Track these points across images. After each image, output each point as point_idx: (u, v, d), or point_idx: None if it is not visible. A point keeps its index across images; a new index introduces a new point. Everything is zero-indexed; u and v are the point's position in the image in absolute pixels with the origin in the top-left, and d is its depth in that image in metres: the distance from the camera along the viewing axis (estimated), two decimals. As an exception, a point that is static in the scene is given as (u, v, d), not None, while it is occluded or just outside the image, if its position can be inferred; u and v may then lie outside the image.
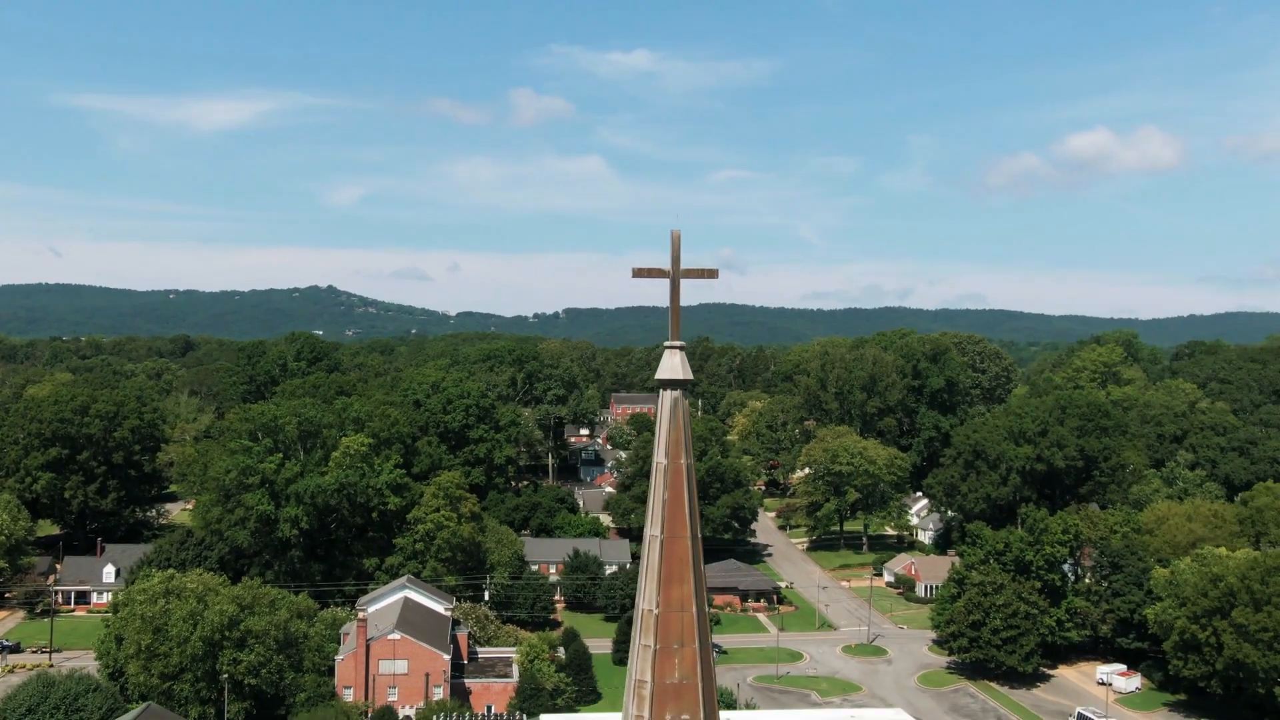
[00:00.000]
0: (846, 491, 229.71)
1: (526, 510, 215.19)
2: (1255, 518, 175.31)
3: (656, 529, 23.71)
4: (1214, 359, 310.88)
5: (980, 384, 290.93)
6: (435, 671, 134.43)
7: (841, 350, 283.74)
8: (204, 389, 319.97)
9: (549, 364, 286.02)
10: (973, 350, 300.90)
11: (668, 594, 23.57)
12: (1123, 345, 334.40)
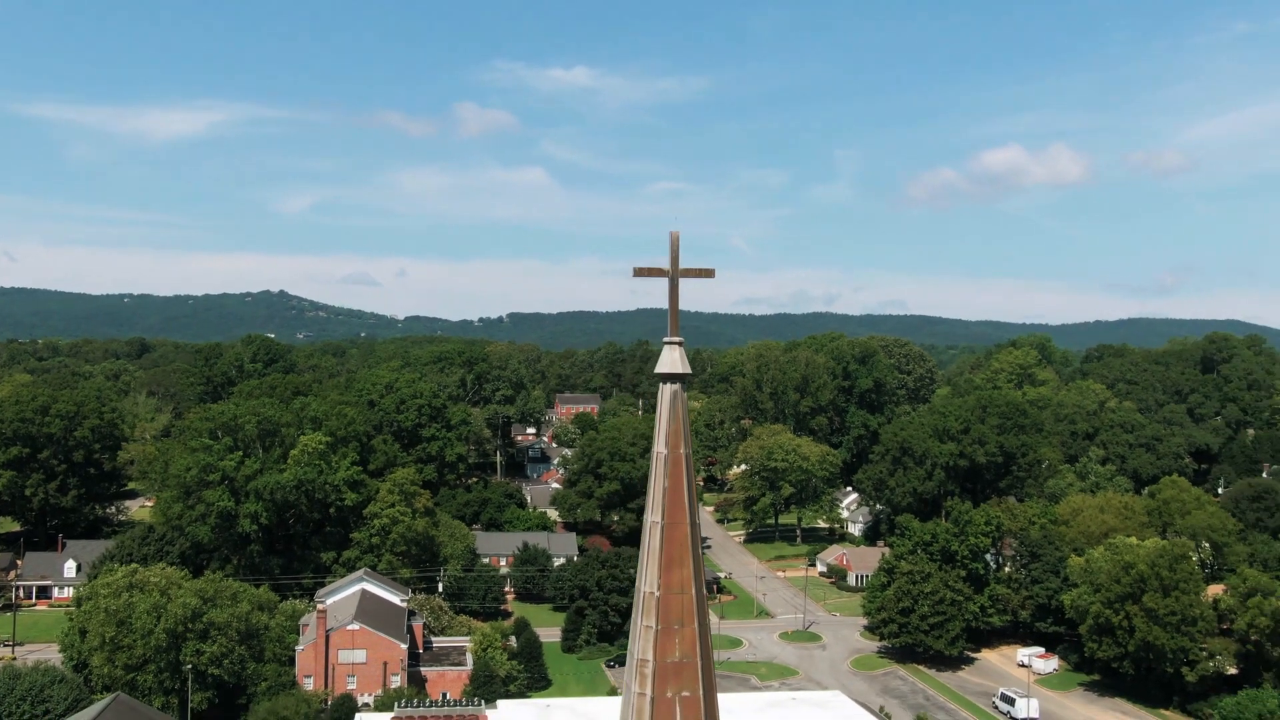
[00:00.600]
0: (781, 486, 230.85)
1: (477, 505, 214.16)
2: (1162, 509, 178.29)
3: (657, 515, 23.66)
4: (1121, 361, 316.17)
5: (906, 385, 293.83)
6: (393, 660, 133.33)
7: (775, 353, 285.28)
8: (161, 390, 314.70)
9: (497, 366, 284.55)
10: (898, 353, 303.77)
11: (668, 577, 23.51)
12: (1037, 349, 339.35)
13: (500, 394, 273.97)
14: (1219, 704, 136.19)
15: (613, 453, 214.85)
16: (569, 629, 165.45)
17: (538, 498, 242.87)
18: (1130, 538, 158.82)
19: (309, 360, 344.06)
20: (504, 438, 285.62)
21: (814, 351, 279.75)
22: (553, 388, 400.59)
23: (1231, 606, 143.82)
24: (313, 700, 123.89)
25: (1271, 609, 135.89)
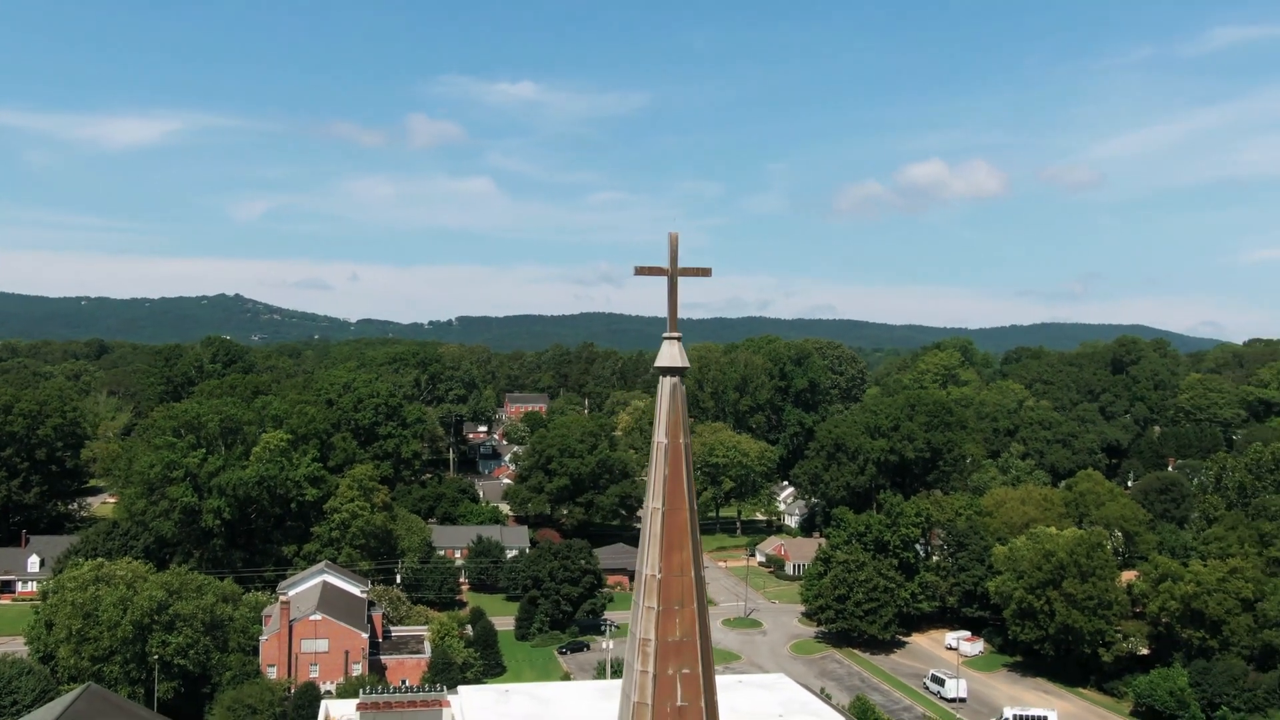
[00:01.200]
0: (722, 481, 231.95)
1: (432, 500, 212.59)
2: (1078, 501, 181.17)
3: (658, 502, 23.74)
4: (1038, 363, 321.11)
5: (838, 385, 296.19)
6: (354, 649, 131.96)
7: (716, 355, 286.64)
8: (122, 390, 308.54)
9: (450, 366, 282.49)
10: (831, 355, 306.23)
11: (669, 560, 23.62)
12: (959, 351, 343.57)
13: (453, 393, 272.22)
14: (1133, 682, 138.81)
15: (562, 449, 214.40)
16: (522, 618, 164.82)
17: (490, 493, 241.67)
18: (1050, 528, 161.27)
19: (267, 361, 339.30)
20: (457, 435, 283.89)
21: (752, 353, 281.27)
22: (502, 388, 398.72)
23: (1144, 591, 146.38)
24: (277, 688, 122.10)
25: (1180, 593, 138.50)
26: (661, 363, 23.80)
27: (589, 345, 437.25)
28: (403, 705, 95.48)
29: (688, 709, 23.53)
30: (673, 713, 23.44)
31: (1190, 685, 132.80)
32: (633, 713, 23.41)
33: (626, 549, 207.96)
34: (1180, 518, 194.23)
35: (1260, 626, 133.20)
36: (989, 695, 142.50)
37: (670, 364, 23.73)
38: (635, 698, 23.52)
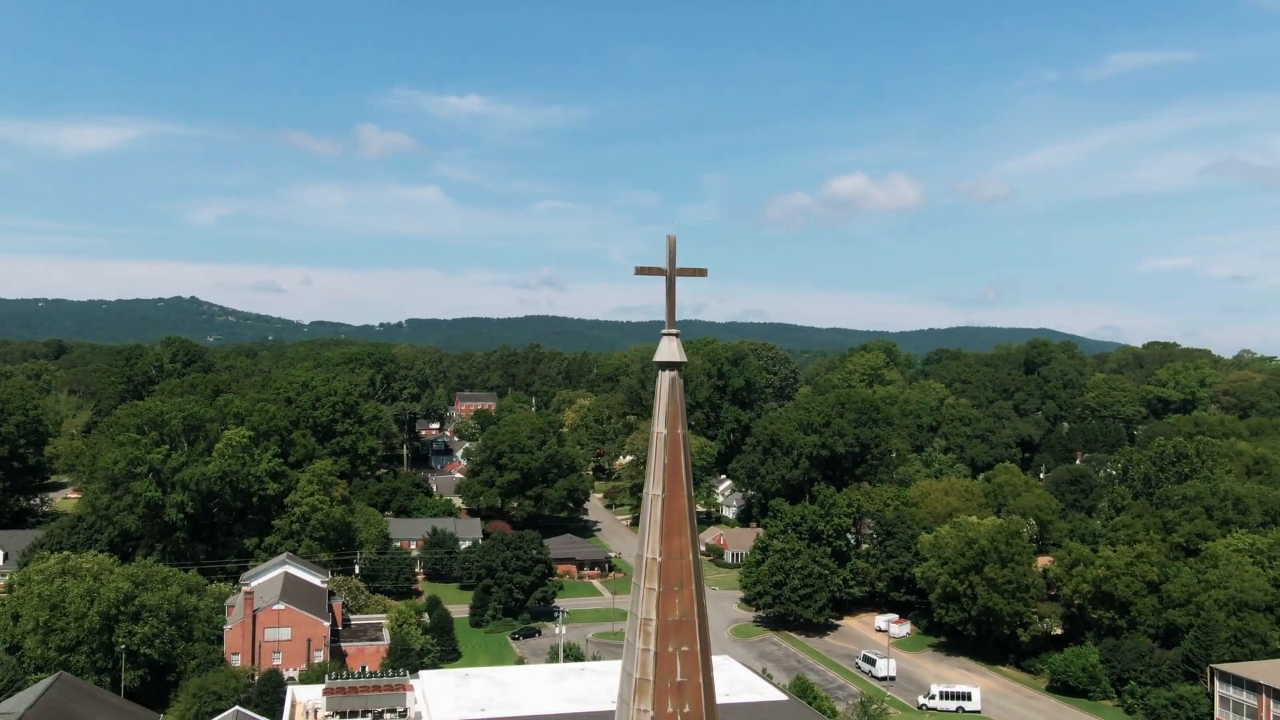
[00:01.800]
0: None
1: (388, 494, 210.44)
2: (997, 492, 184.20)
3: (658, 489, 23.72)
4: (956, 364, 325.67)
5: (772, 384, 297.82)
6: (316, 637, 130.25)
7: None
8: (82, 388, 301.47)
9: (404, 366, 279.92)
10: (766, 356, 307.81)
11: (669, 544, 23.61)
12: (884, 352, 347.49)
13: (407, 392, 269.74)
14: (1048, 660, 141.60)
15: (512, 445, 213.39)
16: (476, 605, 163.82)
17: (443, 486, 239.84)
18: (971, 517, 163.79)
19: (225, 361, 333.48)
20: (410, 432, 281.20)
21: (691, 354, 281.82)
22: (453, 387, 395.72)
23: (1058, 575, 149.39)
24: (241, 675, 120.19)
25: (1092, 577, 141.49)
26: (660, 357, 23.76)
27: (535, 346, 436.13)
28: (368, 689, 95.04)
29: (686, 684, 23.59)
30: (673, 688, 23.48)
31: (1101, 662, 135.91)
32: (635, 688, 23.38)
33: (574, 540, 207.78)
34: (1089, 507, 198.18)
35: (1164, 607, 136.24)
36: (916, 674, 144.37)
37: (669, 359, 23.71)
38: (637, 674, 23.50)
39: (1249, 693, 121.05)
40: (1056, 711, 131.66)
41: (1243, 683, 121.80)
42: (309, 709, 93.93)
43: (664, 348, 23.75)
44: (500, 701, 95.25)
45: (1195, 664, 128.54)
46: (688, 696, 23.63)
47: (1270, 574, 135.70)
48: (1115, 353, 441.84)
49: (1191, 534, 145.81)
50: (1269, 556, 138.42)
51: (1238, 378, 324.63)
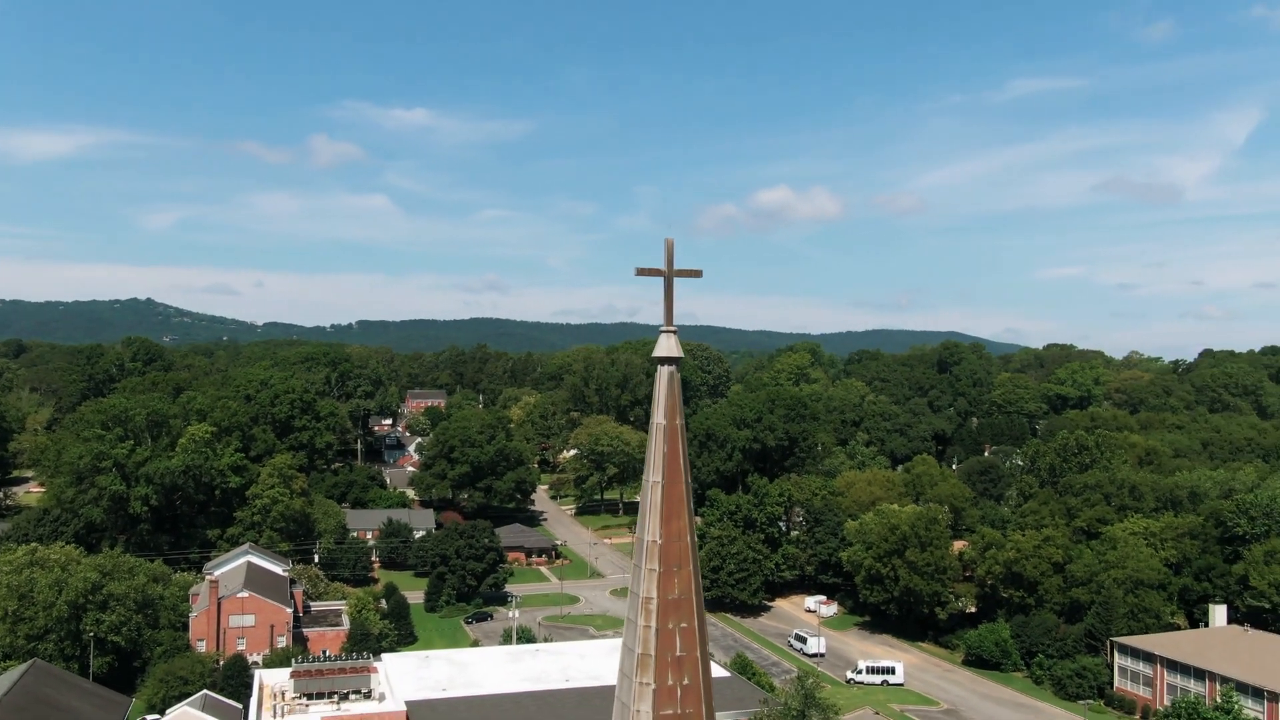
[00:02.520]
0: (607, 467, 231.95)
1: (344, 486, 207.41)
2: (915, 481, 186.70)
3: (658, 476, 23.70)
4: (876, 364, 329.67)
5: (707, 382, 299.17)
6: (279, 623, 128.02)
7: (599, 355, 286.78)
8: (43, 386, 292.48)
9: (358, 365, 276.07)
10: (701, 355, 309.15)
11: (668, 527, 23.61)
12: (809, 353, 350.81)
13: (361, 390, 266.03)
14: (964, 636, 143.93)
15: (463, 440, 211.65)
16: (431, 591, 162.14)
17: (396, 479, 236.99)
18: (892, 505, 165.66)
19: (184, 360, 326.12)
20: (364, 428, 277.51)
21: (631, 354, 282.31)
22: (404, 385, 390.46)
23: (973, 558, 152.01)
24: (206, 660, 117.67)
25: (1003, 559, 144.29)
26: (659, 353, 23.76)
27: (482, 347, 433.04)
28: (334, 672, 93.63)
29: (685, 658, 23.64)
30: (673, 662, 23.55)
31: (1011, 637, 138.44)
32: (637, 663, 23.38)
33: (523, 529, 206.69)
34: (997, 495, 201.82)
35: (1068, 586, 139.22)
36: (844, 650, 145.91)
37: (667, 354, 23.73)
38: (639, 649, 23.50)
39: (1144, 663, 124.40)
40: (972, 683, 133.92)
41: (1139, 654, 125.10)
42: (277, 691, 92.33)
43: (662, 344, 23.74)
44: (460, 681, 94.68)
45: (1096, 637, 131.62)
46: (686, 669, 23.71)
47: (1162, 555, 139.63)
48: (1018, 354, 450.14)
49: (1092, 519, 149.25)
50: (1161, 539, 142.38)
51: (1128, 376, 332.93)
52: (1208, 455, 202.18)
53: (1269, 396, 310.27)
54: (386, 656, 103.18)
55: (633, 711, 24.10)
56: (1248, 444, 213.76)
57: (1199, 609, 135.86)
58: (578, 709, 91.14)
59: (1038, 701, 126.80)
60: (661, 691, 23.75)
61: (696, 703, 24.15)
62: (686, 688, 24.11)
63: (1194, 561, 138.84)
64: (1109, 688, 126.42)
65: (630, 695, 24.20)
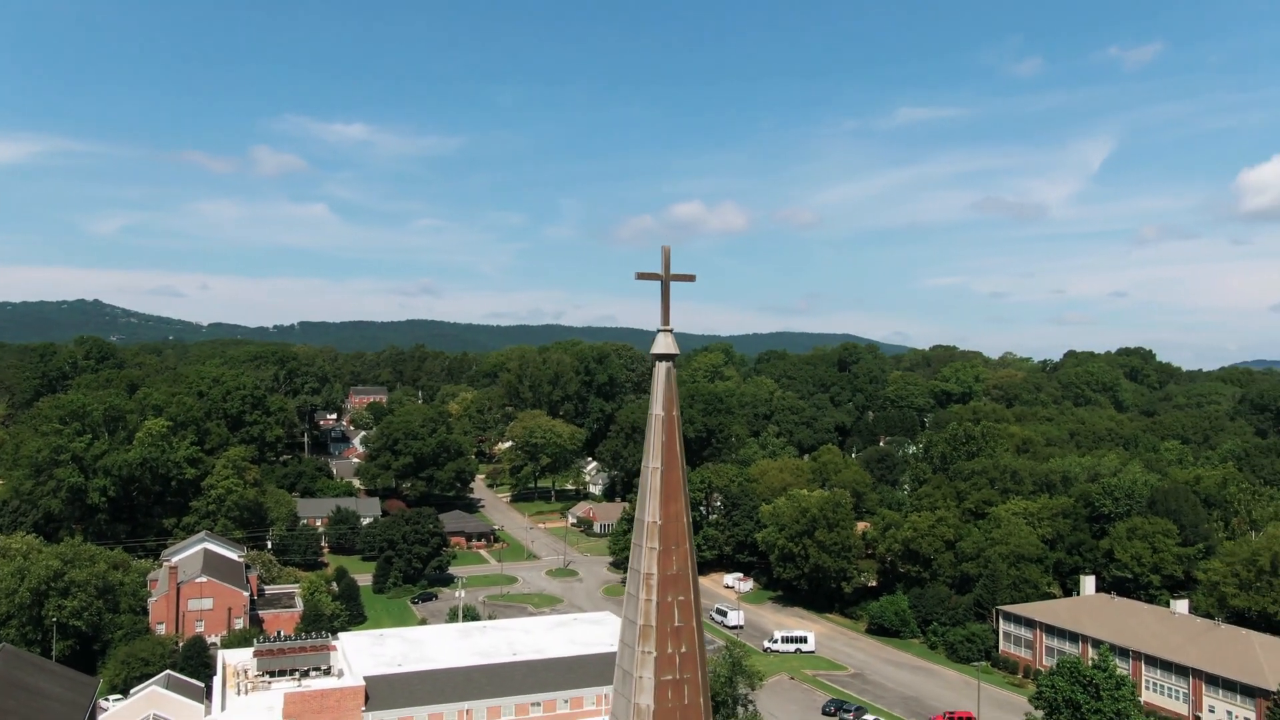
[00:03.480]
0: (540, 457, 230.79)
1: (294, 477, 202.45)
2: (822, 469, 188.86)
3: (657, 462, 23.78)
4: (783, 362, 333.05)
5: (631, 379, 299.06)
6: (236, 606, 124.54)
7: (532, 355, 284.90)
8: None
9: (305, 363, 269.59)
10: (626, 355, 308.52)
11: (667, 509, 23.71)
12: (723, 353, 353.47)
13: (308, 386, 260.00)
14: (867, 607, 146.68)
15: (406, 433, 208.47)
16: (379, 574, 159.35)
17: (341, 470, 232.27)
18: (802, 490, 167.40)
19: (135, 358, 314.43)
20: (310, 422, 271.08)
21: (562, 354, 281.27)
22: (347, 382, 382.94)
23: (874, 537, 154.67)
24: (166, 642, 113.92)
25: (901, 538, 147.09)
26: (657, 350, 23.91)
27: (421, 346, 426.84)
28: (295, 650, 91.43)
29: (683, 628, 23.84)
30: (672, 632, 23.74)
31: (909, 607, 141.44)
32: (639, 633, 23.48)
33: (463, 515, 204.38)
34: (893, 480, 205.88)
35: (959, 561, 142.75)
36: (761, 622, 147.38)
37: (665, 351, 23.90)
38: (641, 621, 23.61)
39: (1025, 628, 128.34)
40: (875, 649, 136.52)
41: (1020, 620, 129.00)
42: (240, 669, 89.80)
43: (660, 342, 23.85)
44: (415, 657, 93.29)
45: (984, 606, 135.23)
46: (684, 638, 23.86)
47: (1039, 532, 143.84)
48: (907, 354, 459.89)
49: (979, 501, 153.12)
50: (1038, 518, 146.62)
51: (1004, 374, 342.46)
52: (1075, 444, 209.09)
53: (1124, 392, 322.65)
54: (343, 635, 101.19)
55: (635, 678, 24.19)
56: (1108, 434, 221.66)
57: (1071, 580, 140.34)
58: (525, 679, 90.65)
59: (933, 664, 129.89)
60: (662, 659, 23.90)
61: (693, 668, 24.36)
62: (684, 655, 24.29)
63: (1066, 538, 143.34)
64: (995, 651, 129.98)
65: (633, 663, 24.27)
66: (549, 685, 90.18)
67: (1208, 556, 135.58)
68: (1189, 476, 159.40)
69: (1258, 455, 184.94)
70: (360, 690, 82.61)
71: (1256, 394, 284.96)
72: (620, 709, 24.56)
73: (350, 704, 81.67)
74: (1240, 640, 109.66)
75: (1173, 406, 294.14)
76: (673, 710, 23.77)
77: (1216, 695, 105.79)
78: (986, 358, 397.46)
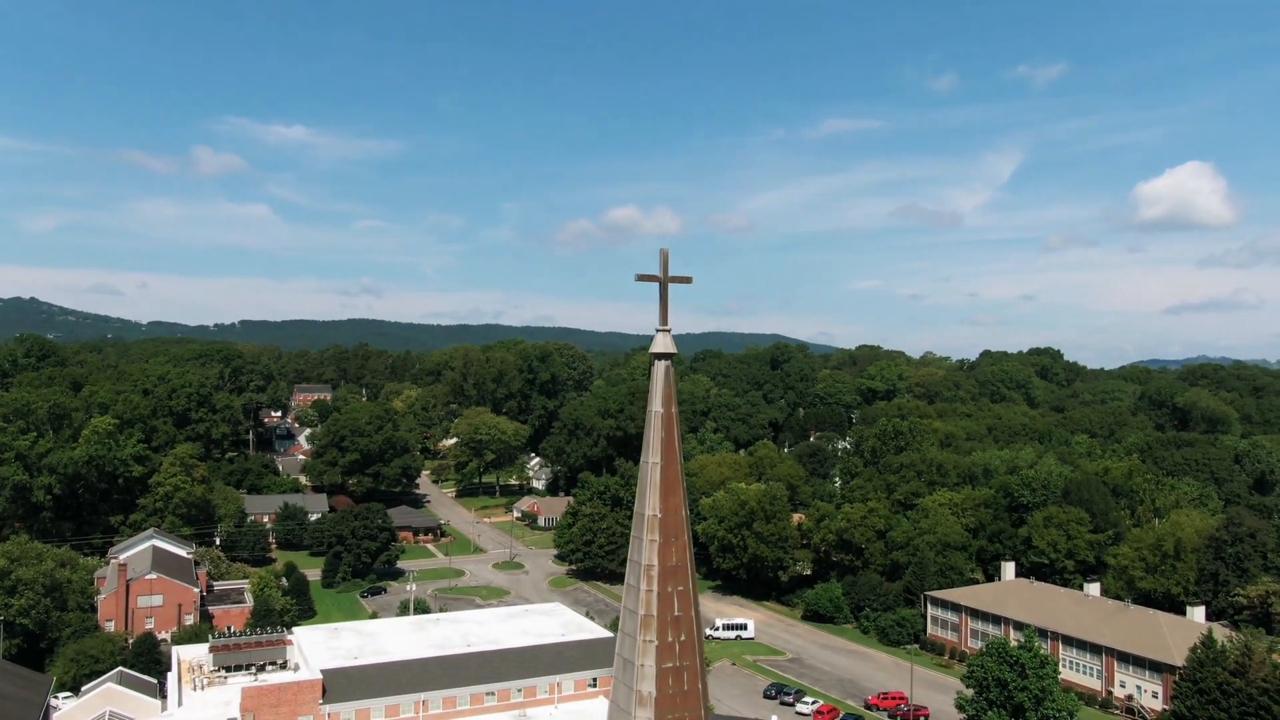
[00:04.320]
0: (485, 453, 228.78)
1: (240, 474, 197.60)
2: (758, 463, 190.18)
3: (657, 457, 23.83)
4: (719, 361, 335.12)
5: (573, 377, 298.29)
6: (187, 603, 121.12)
7: (476, 353, 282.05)
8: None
9: (250, 361, 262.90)
10: (567, 354, 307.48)
11: (666, 502, 23.77)
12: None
13: (254, 384, 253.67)
14: (803, 595, 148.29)
15: (353, 430, 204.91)
16: (328, 569, 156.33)
17: (287, 466, 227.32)
18: (740, 483, 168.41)
19: (76, 356, 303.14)
20: (254, 419, 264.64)
21: (505, 352, 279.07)
22: (291, 380, 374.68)
23: (809, 528, 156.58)
24: (116, 639, 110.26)
25: (835, 528, 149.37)
26: (655, 349, 23.97)
27: (364, 345, 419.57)
28: (250, 645, 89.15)
29: (682, 617, 23.94)
30: (672, 621, 23.83)
31: (843, 594, 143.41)
32: (640, 623, 23.53)
33: (410, 510, 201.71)
34: (824, 474, 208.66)
35: (890, 550, 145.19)
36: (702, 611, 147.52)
37: (663, 350, 23.95)
38: (642, 611, 23.65)
39: (952, 612, 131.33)
40: (811, 635, 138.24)
41: (947, 605, 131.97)
42: (195, 665, 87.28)
43: (658, 342, 23.86)
44: (370, 650, 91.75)
45: (913, 592, 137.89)
46: (683, 627, 23.94)
47: (963, 521, 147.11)
48: (835, 353, 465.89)
49: (908, 493, 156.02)
50: (962, 508, 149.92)
51: (925, 372, 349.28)
52: (993, 438, 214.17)
53: (1036, 389, 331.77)
54: (298, 629, 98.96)
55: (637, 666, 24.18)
56: (1023, 429, 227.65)
57: (993, 566, 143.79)
58: (480, 670, 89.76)
59: (866, 648, 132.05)
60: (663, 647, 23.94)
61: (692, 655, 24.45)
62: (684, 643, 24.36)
63: (988, 526, 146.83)
64: (924, 634, 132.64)
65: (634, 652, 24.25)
66: (503, 675, 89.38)
67: (1117, 543, 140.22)
68: (1098, 468, 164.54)
69: (1159, 448, 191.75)
70: (317, 683, 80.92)
71: (1154, 391, 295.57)
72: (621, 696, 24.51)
73: (307, 697, 79.95)
74: (1148, 620, 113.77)
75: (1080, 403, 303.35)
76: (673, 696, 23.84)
77: (1127, 671, 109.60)
78: (909, 357, 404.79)
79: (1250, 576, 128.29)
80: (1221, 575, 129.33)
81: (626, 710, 24.12)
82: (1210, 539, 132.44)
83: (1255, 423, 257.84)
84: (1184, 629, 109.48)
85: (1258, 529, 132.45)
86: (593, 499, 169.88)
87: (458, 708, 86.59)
